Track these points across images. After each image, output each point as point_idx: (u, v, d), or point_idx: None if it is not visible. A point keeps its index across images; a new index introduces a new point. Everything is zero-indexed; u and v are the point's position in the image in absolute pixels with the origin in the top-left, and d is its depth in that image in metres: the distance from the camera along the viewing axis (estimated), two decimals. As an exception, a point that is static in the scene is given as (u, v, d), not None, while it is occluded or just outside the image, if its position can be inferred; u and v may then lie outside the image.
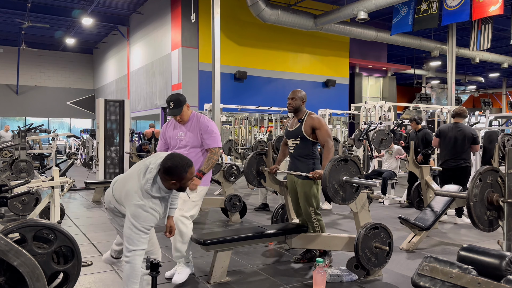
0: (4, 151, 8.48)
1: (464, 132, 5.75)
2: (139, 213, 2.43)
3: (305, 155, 3.86)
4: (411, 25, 12.23)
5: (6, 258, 2.15)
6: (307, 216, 3.89)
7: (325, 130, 3.79)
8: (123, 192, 2.55)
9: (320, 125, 3.80)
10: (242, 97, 14.82)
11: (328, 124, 8.32)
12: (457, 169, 5.77)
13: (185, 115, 3.58)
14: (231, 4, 14.35)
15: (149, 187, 2.47)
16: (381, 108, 10.74)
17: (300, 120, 3.91)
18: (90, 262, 4.02)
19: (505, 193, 2.78)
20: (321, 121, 3.84)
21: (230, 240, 3.52)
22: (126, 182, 2.57)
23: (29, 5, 14.98)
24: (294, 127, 3.93)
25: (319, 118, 3.87)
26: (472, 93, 32.48)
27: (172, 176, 2.47)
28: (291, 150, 3.97)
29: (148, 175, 2.49)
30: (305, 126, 3.83)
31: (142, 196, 2.46)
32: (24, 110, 23.91)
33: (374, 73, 20.72)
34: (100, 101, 9.75)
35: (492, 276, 2.13)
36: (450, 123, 6.09)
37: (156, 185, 2.50)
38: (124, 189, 2.55)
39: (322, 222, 3.92)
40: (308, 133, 3.82)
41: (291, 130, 3.97)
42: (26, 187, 4.18)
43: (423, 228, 4.59)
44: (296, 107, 3.92)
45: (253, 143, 9.70)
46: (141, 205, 2.44)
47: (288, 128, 4.04)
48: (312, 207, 3.82)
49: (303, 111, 3.93)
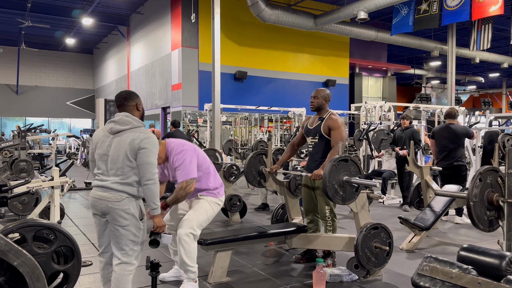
0: (4, 151, 8.48)
1: (455, 132, 5.86)
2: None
3: (323, 154, 3.86)
4: (411, 25, 12.23)
5: (6, 258, 2.15)
6: (322, 215, 3.89)
7: (339, 132, 3.78)
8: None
9: (336, 126, 3.80)
10: (242, 97, 14.81)
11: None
12: (451, 168, 5.87)
13: (161, 154, 3.14)
14: (231, 4, 14.35)
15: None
16: (381, 108, 10.74)
17: (320, 118, 3.92)
18: (90, 262, 4.02)
19: (505, 193, 2.78)
20: (339, 123, 3.82)
21: (230, 240, 3.52)
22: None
23: (29, 5, 14.98)
24: (315, 125, 3.94)
25: (338, 119, 3.85)
26: (472, 93, 32.48)
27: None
28: (310, 148, 4.00)
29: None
30: (324, 125, 3.85)
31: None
32: (24, 110, 23.91)
33: (374, 73, 20.71)
34: (100, 101, 9.75)
35: (492, 276, 2.13)
36: (442, 124, 6.25)
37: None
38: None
39: (336, 223, 3.90)
40: (326, 132, 3.84)
41: (311, 128, 3.98)
42: (26, 187, 4.19)
43: (423, 228, 4.59)
44: (318, 106, 3.94)
45: (253, 143, 9.70)
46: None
47: (308, 125, 4.04)
48: (328, 206, 3.83)
49: (325, 110, 3.95)
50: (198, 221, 3.24)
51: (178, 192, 3.10)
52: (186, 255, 3.15)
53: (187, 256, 3.15)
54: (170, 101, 15.16)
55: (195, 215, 3.26)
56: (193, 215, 3.26)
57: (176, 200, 3.14)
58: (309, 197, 4.01)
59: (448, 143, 5.87)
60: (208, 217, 3.33)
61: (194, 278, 3.23)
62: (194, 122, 14.79)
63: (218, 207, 3.42)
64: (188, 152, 3.18)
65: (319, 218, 3.98)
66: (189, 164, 3.14)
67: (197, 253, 3.23)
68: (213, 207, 3.37)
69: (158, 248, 4.52)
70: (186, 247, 3.14)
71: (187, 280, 3.22)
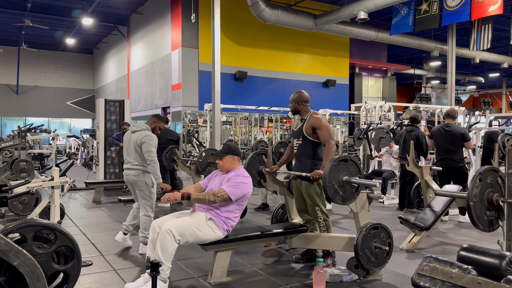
0: (4, 151, 8.48)
1: (453, 132, 5.86)
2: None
3: (307, 155, 3.85)
4: (411, 25, 12.23)
5: (6, 258, 2.15)
6: (313, 216, 3.88)
7: (325, 129, 3.74)
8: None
9: (320, 125, 3.76)
10: (242, 97, 14.81)
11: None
12: (451, 169, 5.88)
13: (226, 163, 3.54)
14: (231, 4, 14.35)
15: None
16: (381, 108, 10.74)
17: (302, 120, 3.91)
18: (90, 262, 4.02)
19: (505, 193, 2.78)
20: (322, 121, 3.78)
21: (230, 240, 3.52)
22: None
23: (29, 5, 14.98)
24: (298, 126, 3.94)
25: (320, 118, 3.81)
26: (472, 93, 32.48)
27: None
28: (295, 150, 3.98)
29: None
30: (306, 126, 3.82)
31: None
32: (24, 110, 23.91)
33: (374, 73, 20.71)
34: (100, 101, 9.75)
35: (492, 276, 2.13)
36: (441, 124, 6.23)
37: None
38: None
39: (329, 222, 3.90)
40: (309, 133, 3.80)
41: (295, 130, 3.99)
42: (26, 187, 4.18)
43: (423, 228, 4.60)
44: (294, 110, 3.97)
45: (253, 143, 9.70)
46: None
47: (293, 128, 4.06)
48: (317, 206, 3.82)
49: (306, 111, 3.92)
50: (184, 229, 3.19)
51: (208, 194, 3.33)
52: (161, 250, 3.10)
53: (162, 251, 3.10)
54: (170, 101, 15.16)
55: (185, 223, 3.23)
56: (183, 222, 3.23)
57: (199, 199, 3.32)
58: (300, 199, 4.01)
59: (446, 144, 5.88)
60: (196, 234, 3.25)
61: (164, 278, 3.13)
62: (194, 122, 14.79)
63: (211, 235, 3.34)
64: (247, 185, 3.48)
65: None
66: (239, 189, 3.40)
67: (173, 255, 3.16)
68: (208, 231, 3.31)
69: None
70: (162, 242, 3.10)
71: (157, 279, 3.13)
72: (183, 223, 3.23)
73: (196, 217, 3.34)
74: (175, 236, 3.12)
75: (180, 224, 3.20)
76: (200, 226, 3.28)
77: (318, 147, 3.85)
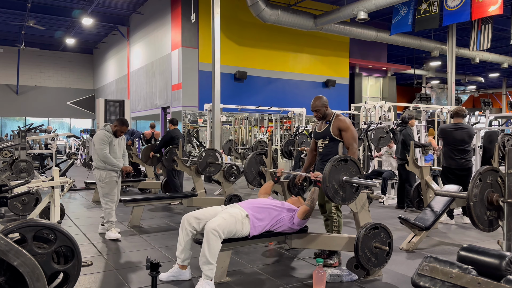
0: (4, 151, 8.48)
1: (469, 131, 5.67)
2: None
3: (334, 155, 3.89)
4: (410, 25, 12.23)
5: (6, 258, 2.15)
6: (328, 212, 4.03)
7: (350, 132, 3.95)
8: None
9: (345, 127, 3.96)
10: (242, 97, 14.81)
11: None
12: (463, 170, 5.66)
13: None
14: (231, 4, 14.35)
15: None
16: (381, 108, 10.73)
17: (328, 122, 4.07)
18: (90, 262, 4.02)
19: (505, 193, 2.78)
20: (347, 123, 3.98)
21: (230, 240, 3.52)
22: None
23: (29, 5, 14.98)
24: (323, 128, 4.09)
25: (346, 119, 4.01)
26: (472, 93, 32.48)
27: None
28: (320, 149, 4.12)
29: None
30: (333, 127, 4.00)
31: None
32: (24, 110, 23.90)
33: (374, 73, 20.71)
34: (100, 101, 9.76)
35: (492, 276, 2.13)
36: (451, 123, 5.94)
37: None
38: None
39: (341, 220, 4.03)
40: (336, 134, 3.99)
41: (319, 132, 4.12)
42: (26, 187, 4.18)
43: (423, 228, 4.59)
44: (324, 114, 4.10)
45: (253, 143, 9.70)
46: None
47: (316, 129, 4.19)
48: (333, 203, 3.88)
49: (329, 113, 4.10)
50: (226, 226, 3.35)
51: (308, 209, 3.66)
52: (209, 251, 3.20)
53: (210, 252, 3.20)
54: (170, 101, 15.16)
55: (227, 222, 3.36)
56: (226, 222, 3.36)
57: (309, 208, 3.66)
58: (323, 195, 4.07)
59: (461, 143, 5.64)
60: (233, 231, 3.41)
61: (211, 277, 3.23)
62: (194, 122, 14.80)
63: (242, 231, 3.49)
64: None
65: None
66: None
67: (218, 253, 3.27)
68: (240, 227, 3.47)
69: (158, 248, 4.53)
70: (209, 243, 3.22)
71: (204, 277, 3.21)
72: (225, 222, 3.36)
73: (235, 214, 3.48)
74: (221, 236, 3.27)
75: (222, 223, 3.33)
76: (237, 224, 3.44)
77: (344, 148, 4.00)
